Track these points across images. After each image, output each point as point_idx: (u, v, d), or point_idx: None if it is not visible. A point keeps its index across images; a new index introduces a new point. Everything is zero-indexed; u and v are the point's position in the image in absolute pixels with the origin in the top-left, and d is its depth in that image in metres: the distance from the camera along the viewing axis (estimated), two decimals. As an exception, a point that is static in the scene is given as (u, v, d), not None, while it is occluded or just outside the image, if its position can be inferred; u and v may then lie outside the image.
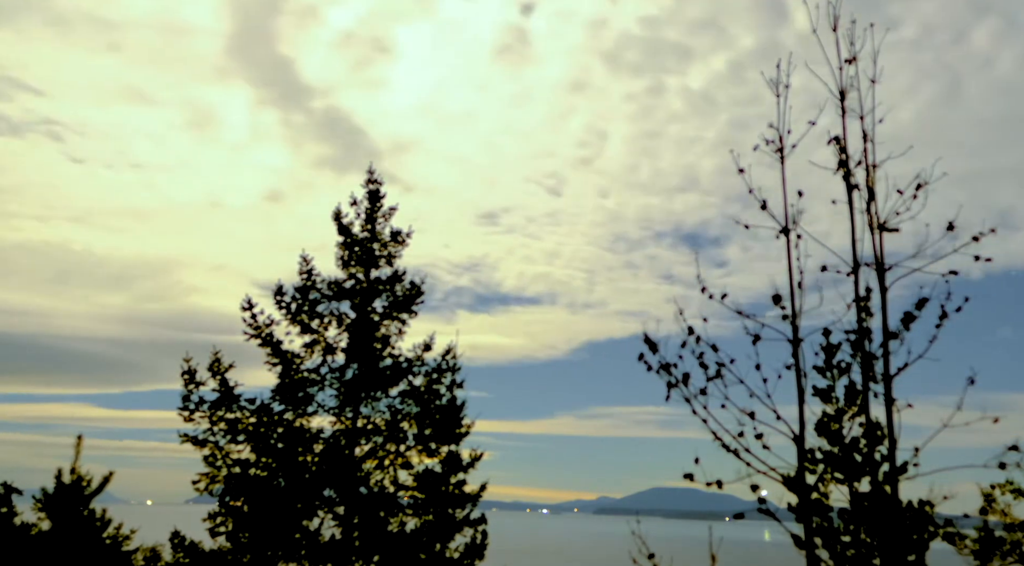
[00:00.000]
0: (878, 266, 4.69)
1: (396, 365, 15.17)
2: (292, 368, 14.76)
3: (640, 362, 4.83)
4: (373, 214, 15.70)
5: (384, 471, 14.79)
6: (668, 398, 4.79)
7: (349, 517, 14.19)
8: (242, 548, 13.72)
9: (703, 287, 4.93)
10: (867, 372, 4.63)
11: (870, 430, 4.86)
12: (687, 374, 4.78)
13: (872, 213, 4.78)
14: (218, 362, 14.46)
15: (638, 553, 5.16)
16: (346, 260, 15.49)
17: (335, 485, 14.29)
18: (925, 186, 4.71)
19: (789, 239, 4.89)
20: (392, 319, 15.39)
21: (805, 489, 4.61)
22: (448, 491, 14.71)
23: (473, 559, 14.50)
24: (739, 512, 5.13)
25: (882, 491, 5.14)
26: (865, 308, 4.72)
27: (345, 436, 14.64)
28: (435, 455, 14.96)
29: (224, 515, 13.91)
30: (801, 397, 4.66)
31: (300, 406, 14.65)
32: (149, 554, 14.76)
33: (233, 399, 14.30)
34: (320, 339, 15.02)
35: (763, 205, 4.97)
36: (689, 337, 4.84)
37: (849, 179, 4.88)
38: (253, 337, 14.80)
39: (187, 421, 14.12)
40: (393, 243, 15.68)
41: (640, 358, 4.84)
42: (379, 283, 15.45)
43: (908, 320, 4.63)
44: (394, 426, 14.80)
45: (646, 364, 4.82)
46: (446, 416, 15.03)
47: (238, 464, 14.17)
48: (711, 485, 4.60)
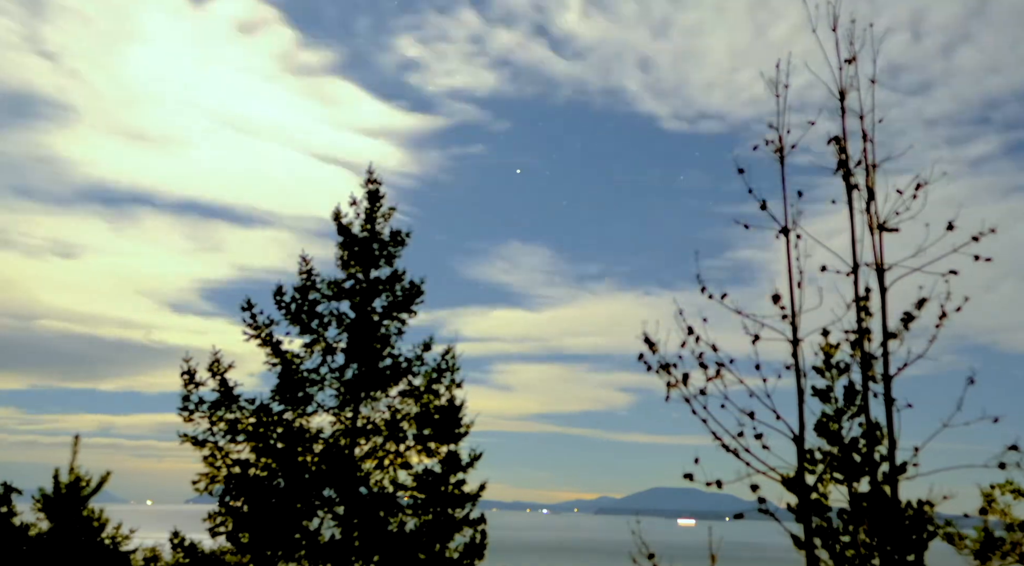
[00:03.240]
0: (878, 266, 4.69)
1: (396, 365, 15.18)
2: (292, 368, 14.77)
3: (640, 362, 4.82)
4: (372, 214, 15.72)
5: (384, 471, 14.80)
6: (668, 398, 4.79)
7: (349, 517, 14.19)
8: (242, 548, 13.72)
9: (703, 287, 4.92)
10: (867, 372, 4.62)
11: (870, 430, 4.86)
12: (687, 374, 4.78)
13: (872, 213, 4.78)
14: (217, 362, 14.47)
15: (638, 553, 5.16)
16: (346, 260, 15.50)
17: (335, 485, 14.30)
18: (925, 186, 4.71)
19: (789, 239, 4.89)
20: (392, 319, 15.40)
21: (805, 489, 4.61)
22: (448, 491, 14.71)
23: (473, 559, 14.51)
24: (739, 512, 5.12)
25: (882, 491, 5.15)
26: (865, 308, 4.72)
27: (345, 436, 14.65)
28: (434, 455, 14.97)
29: (224, 515, 13.92)
30: (801, 397, 4.66)
31: (300, 406, 14.65)
32: (149, 554, 14.77)
33: (233, 399, 14.31)
34: (320, 339, 15.03)
35: (763, 205, 4.97)
36: (689, 337, 4.83)
37: (849, 179, 4.88)
38: (253, 337, 14.81)
39: (187, 421, 14.14)
40: (392, 243, 15.70)
41: (640, 358, 4.83)
42: (379, 283, 15.46)
43: (908, 320, 4.63)
44: (394, 426, 14.81)
45: (646, 364, 4.81)
46: (445, 416, 15.04)
47: (238, 464, 14.18)
48: (711, 485, 4.59)
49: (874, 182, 4.81)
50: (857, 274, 4.74)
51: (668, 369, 4.80)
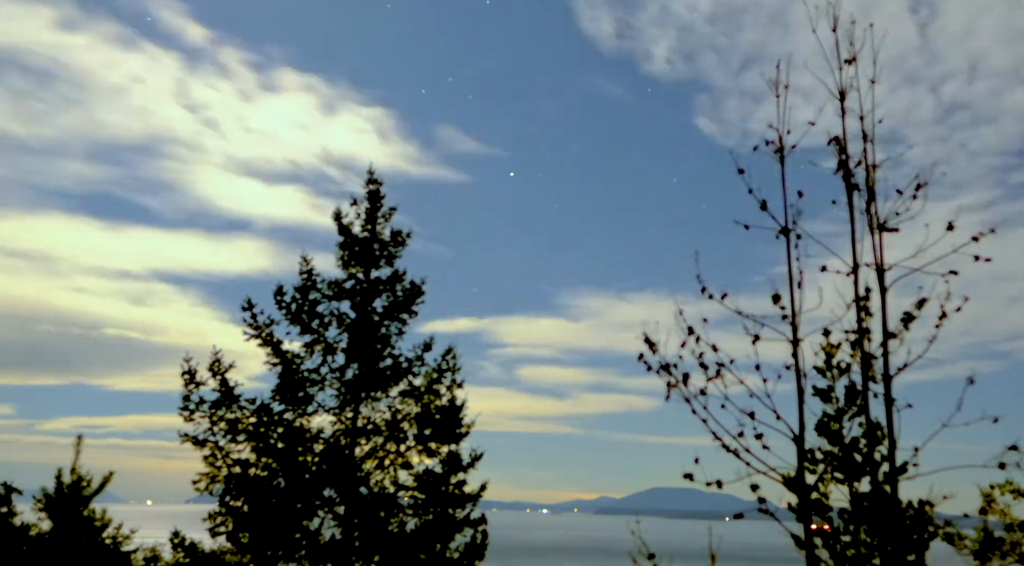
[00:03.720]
0: (878, 266, 4.70)
1: (396, 365, 15.19)
2: (292, 368, 14.77)
3: (640, 362, 4.83)
4: (373, 214, 15.73)
5: (384, 471, 14.80)
6: (668, 398, 4.79)
7: (349, 517, 14.19)
8: (242, 548, 13.73)
9: (703, 287, 4.93)
10: (867, 372, 4.63)
11: (870, 430, 4.86)
12: (687, 374, 4.78)
13: (872, 213, 4.78)
14: (218, 362, 14.48)
15: (638, 553, 5.16)
16: (346, 260, 15.51)
17: (335, 485, 14.30)
18: (925, 186, 4.71)
19: (789, 239, 4.89)
20: (392, 319, 15.40)
21: (805, 489, 4.62)
22: (448, 491, 14.71)
23: (473, 559, 14.51)
24: (739, 512, 5.13)
25: (882, 491, 5.15)
26: (865, 308, 4.73)
27: (345, 436, 14.65)
28: (435, 455, 14.97)
29: (224, 515, 13.92)
30: (801, 397, 4.66)
31: (300, 406, 14.66)
32: (149, 554, 14.77)
33: (233, 399, 14.31)
34: (320, 339, 15.04)
35: (763, 205, 4.97)
36: (689, 337, 4.84)
37: (849, 179, 4.88)
38: (253, 337, 14.82)
39: (187, 421, 14.14)
40: (393, 243, 15.72)
41: (640, 358, 4.84)
42: (379, 283, 15.47)
43: (908, 320, 4.63)
44: (394, 426, 14.81)
45: (646, 364, 4.82)
46: (446, 416, 15.04)
47: (238, 464, 14.19)
48: (711, 485, 4.60)
49: (874, 182, 4.82)
50: (857, 274, 4.74)
51: (668, 369, 4.80)
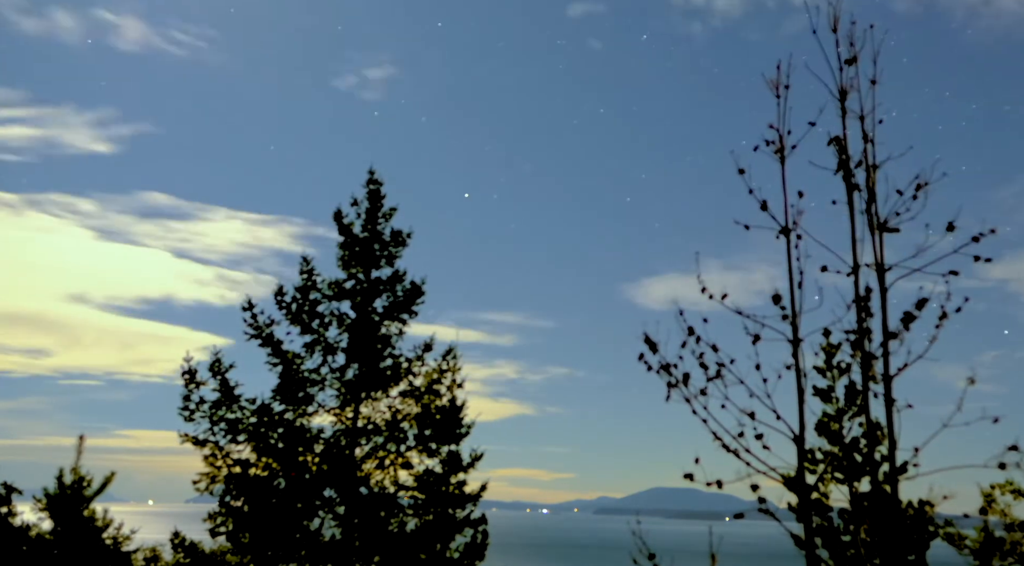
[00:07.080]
0: (878, 266, 4.70)
1: (396, 365, 15.19)
2: (292, 368, 14.78)
3: (640, 362, 4.83)
4: (374, 214, 15.73)
5: (384, 471, 14.80)
6: (668, 398, 4.79)
7: (349, 517, 14.20)
8: (242, 548, 13.73)
9: (703, 287, 4.93)
10: (867, 372, 4.63)
11: (870, 430, 4.87)
12: (687, 374, 4.78)
13: (872, 213, 4.78)
14: (218, 362, 14.49)
15: (638, 553, 5.16)
16: (347, 260, 15.52)
17: (335, 485, 14.31)
18: (925, 186, 4.71)
19: (789, 239, 4.89)
20: (392, 319, 15.41)
21: (805, 489, 4.62)
22: (448, 491, 14.72)
23: (473, 559, 14.52)
24: (739, 512, 5.13)
25: (882, 491, 5.15)
26: (865, 308, 4.73)
27: (345, 436, 14.65)
28: (435, 455, 14.98)
29: (224, 515, 13.93)
30: (801, 397, 4.66)
31: (300, 406, 14.67)
32: (149, 554, 14.77)
33: (233, 399, 14.32)
34: (321, 339, 15.04)
35: (763, 205, 4.97)
36: (689, 337, 4.84)
37: (849, 180, 4.88)
38: (254, 337, 14.83)
39: (187, 421, 14.16)
40: (393, 243, 15.72)
41: (640, 358, 4.84)
42: (379, 283, 15.48)
43: (908, 320, 4.64)
44: (394, 426, 14.82)
45: (646, 364, 4.82)
46: (446, 416, 15.04)
47: (239, 464, 14.20)
48: (711, 485, 4.60)
49: (875, 182, 4.82)
50: (857, 274, 4.74)
51: (669, 369, 4.80)
